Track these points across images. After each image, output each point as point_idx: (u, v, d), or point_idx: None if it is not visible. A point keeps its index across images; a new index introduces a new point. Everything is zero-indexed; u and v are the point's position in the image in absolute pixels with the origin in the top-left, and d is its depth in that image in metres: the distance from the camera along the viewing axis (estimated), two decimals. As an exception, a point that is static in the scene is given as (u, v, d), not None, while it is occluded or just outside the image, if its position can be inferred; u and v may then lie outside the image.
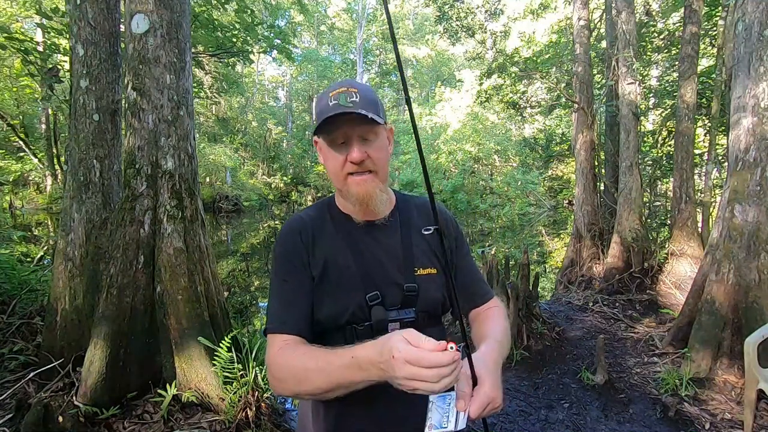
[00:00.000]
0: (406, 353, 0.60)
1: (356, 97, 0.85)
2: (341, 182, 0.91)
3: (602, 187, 6.93)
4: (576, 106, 6.42)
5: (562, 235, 12.73)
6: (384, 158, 0.92)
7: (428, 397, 0.70)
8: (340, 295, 0.89)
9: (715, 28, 7.18)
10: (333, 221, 0.98)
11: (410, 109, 0.84)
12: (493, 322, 0.97)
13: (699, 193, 6.23)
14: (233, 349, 2.42)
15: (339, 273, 0.91)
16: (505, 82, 9.45)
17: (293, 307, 0.89)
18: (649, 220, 6.52)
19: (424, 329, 0.70)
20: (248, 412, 2.33)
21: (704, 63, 8.61)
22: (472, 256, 1.10)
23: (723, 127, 6.05)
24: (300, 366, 0.77)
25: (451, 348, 0.61)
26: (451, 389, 0.70)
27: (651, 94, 9.62)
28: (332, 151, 0.90)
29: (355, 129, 0.86)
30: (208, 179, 19.42)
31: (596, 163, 6.61)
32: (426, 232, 0.96)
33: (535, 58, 9.25)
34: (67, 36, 4.09)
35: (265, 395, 2.46)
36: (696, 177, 6.23)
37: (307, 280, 0.91)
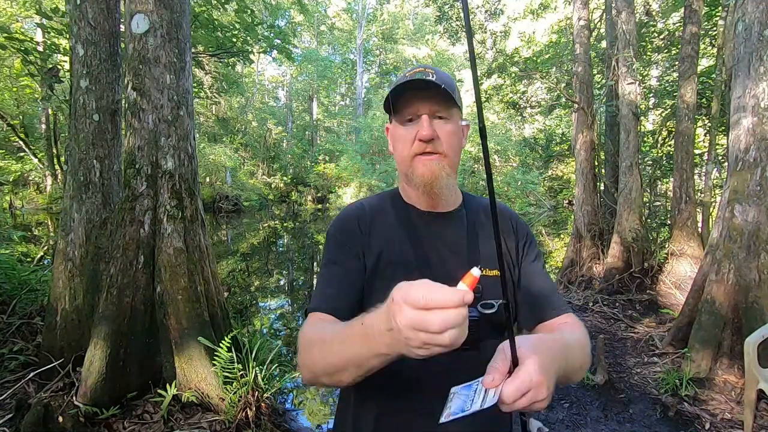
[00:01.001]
0: (405, 292, 0.49)
1: (432, 77, 0.80)
2: (407, 163, 0.85)
3: (602, 187, 6.93)
4: (576, 106, 6.42)
5: (562, 235, 12.73)
6: (456, 144, 0.86)
7: (450, 389, 0.62)
8: (393, 285, 0.82)
9: (715, 28, 7.18)
10: (395, 211, 0.91)
11: (479, 106, 0.58)
12: (565, 330, 0.82)
13: (699, 193, 6.23)
14: (233, 349, 2.42)
15: (394, 264, 0.84)
16: (505, 82, 9.46)
17: (336, 289, 0.83)
18: (649, 220, 6.51)
19: (483, 341, 0.65)
20: (248, 412, 2.33)
21: (704, 63, 8.61)
22: (546, 268, 0.97)
23: (723, 127, 6.05)
24: (317, 338, 0.71)
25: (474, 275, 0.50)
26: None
27: (651, 94, 9.62)
28: (400, 128, 0.85)
29: (427, 105, 0.82)
30: (208, 179, 19.42)
31: (596, 163, 6.61)
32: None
33: (535, 58, 9.26)
34: (67, 36, 4.09)
35: (265, 395, 2.46)
36: (696, 177, 6.23)
37: (357, 267, 0.85)
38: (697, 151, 6.72)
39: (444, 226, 0.90)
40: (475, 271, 0.50)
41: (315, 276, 7.71)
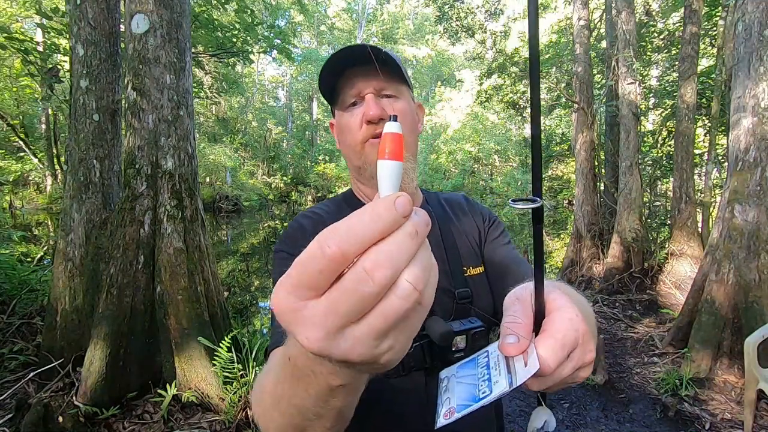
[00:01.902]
0: (284, 285, 0.27)
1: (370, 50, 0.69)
2: (357, 152, 0.72)
3: (602, 187, 6.93)
4: (576, 106, 6.42)
5: (562, 235, 12.73)
6: (411, 123, 0.74)
7: (438, 376, 0.44)
8: None
9: (715, 28, 7.18)
10: None
11: (534, 105, 0.40)
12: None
13: (699, 193, 6.22)
14: (233, 349, 2.42)
15: None
16: (505, 82, 9.46)
17: None
18: (649, 220, 6.51)
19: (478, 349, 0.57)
20: (248, 412, 2.33)
21: (704, 63, 8.61)
22: (512, 244, 0.86)
23: (723, 127, 6.05)
24: (261, 390, 0.48)
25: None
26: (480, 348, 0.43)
27: (651, 94, 9.62)
28: (345, 115, 0.73)
29: (371, 82, 0.70)
30: (208, 179, 19.41)
31: (596, 163, 6.61)
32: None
33: (535, 58, 9.23)
34: (67, 36, 4.08)
35: (265, 395, 2.46)
36: (696, 177, 6.22)
37: None
38: (697, 151, 6.72)
39: None
40: (392, 127, 0.31)
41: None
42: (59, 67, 5.14)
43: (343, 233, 0.25)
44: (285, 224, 16.39)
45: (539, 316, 0.38)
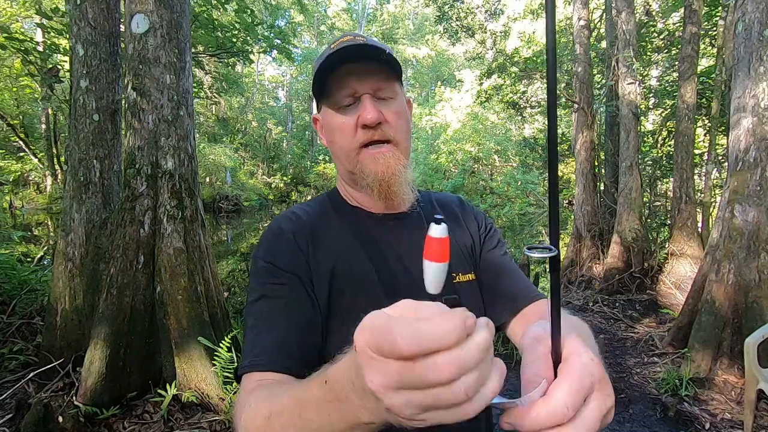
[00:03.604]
0: (372, 331, 0.30)
1: (364, 43, 0.66)
2: (352, 158, 0.69)
3: (602, 187, 6.93)
4: (576, 106, 6.42)
5: (562, 235, 12.73)
6: (406, 126, 0.71)
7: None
8: (355, 317, 0.59)
9: (715, 28, 7.18)
10: (340, 218, 0.73)
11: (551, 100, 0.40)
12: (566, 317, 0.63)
13: (699, 193, 6.22)
14: (233, 349, 2.42)
15: (353, 285, 0.66)
16: (505, 82, 9.46)
17: (277, 333, 0.59)
18: (649, 220, 6.51)
19: None
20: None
21: (704, 63, 8.61)
22: (511, 256, 0.83)
23: (723, 127, 6.05)
24: (260, 414, 0.46)
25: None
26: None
27: (651, 94, 9.62)
28: (336, 116, 0.69)
29: (367, 83, 0.66)
30: (208, 179, 19.42)
31: (596, 163, 6.61)
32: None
33: (535, 58, 9.25)
34: (67, 36, 4.09)
35: (265, 395, 2.46)
36: (696, 177, 6.23)
37: (303, 297, 0.63)
38: (697, 151, 6.73)
39: (403, 230, 0.73)
40: (437, 231, 0.32)
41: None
42: (59, 67, 5.14)
43: (429, 330, 0.28)
44: (285, 224, 16.31)
45: (556, 360, 0.38)
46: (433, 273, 0.33)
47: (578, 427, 0.34)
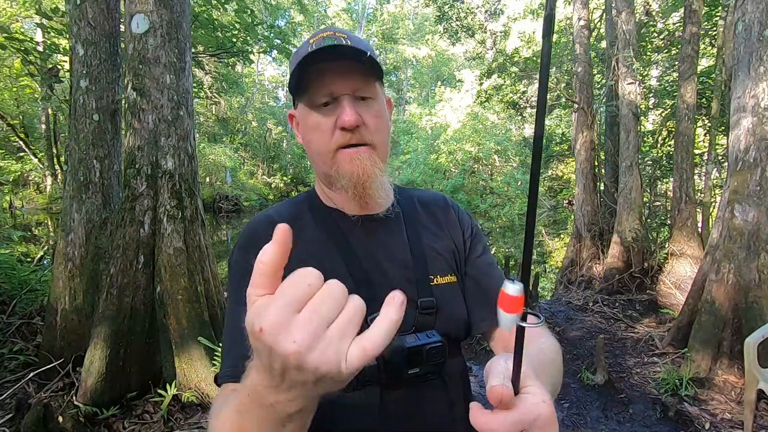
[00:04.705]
0: (256, 311, 0.36)
1: (346, 42, 0.65)
2: (328, 160, 0.68)
3: (602, 187, 6.93)
4: (576, 106, 6.42)
5: (562, 235, 12.74)
6: (385, 129, 0.71)
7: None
8: None
9: (715, 28, 7.18)
10: (316, 219, 0.73)
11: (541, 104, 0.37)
12: (535, 338, 0.65)
13: (699, 193, 6.22)
14: (233, 349, 2.42)
15: None
16: (505, 82, 9.47)
17: (247, 344, 0.57)
18: (649, 220, 6.51)
19: (445, 369, 0.57)
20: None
21: (704, 63, 8.61)
22: (494, 259, 0.83)
23: (723, 127, 6.05)
24: (221, 424, 0.47)
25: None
26: None
27: (651, 94, 9.62)
28: (313, 115, 0.67)
29: (347, 82, 0.65)
30: (208, 179, 19.41)
31: (596, 163, 6.62)
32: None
33: (535, 58, 9.25)
34: (67, 36, 4.09)
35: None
36: (696, 177, 6.22)
37: None
38: (697, 151, 6.72)
39: (380, 232, 0.73)
40: (513, 288, 0.37)
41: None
42: (59, 67, 5.14)
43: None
44: (285, 224, 16.30)
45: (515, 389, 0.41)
46: (503, 322, 0.39)
47: None
